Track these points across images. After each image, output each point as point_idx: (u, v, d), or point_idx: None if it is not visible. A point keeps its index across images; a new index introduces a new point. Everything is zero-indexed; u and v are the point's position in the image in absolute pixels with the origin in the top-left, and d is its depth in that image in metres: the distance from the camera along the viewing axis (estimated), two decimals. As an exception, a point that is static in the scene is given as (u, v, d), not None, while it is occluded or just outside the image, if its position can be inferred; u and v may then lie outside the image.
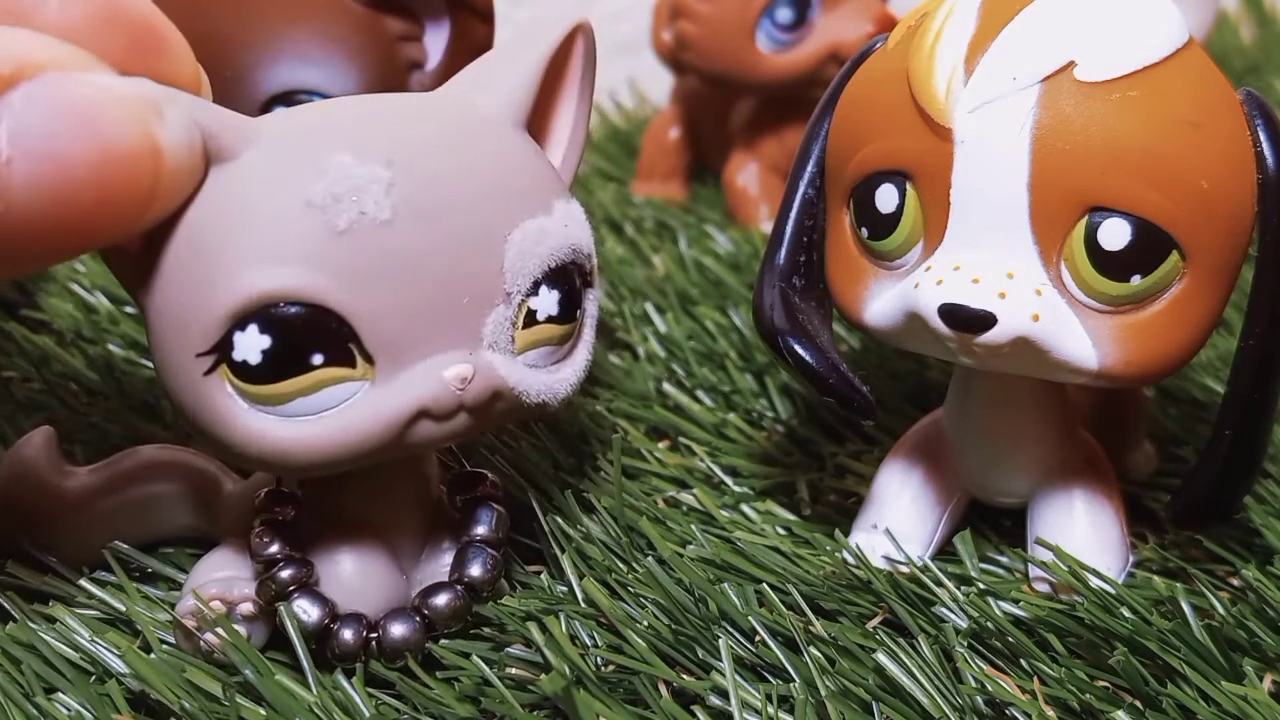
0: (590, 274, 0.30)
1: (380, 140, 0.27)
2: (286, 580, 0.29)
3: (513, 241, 0.28)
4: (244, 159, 0.27)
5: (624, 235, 0.54)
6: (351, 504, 0.30)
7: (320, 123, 0.28)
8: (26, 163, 0.23)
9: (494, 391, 0.28)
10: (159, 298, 0.27)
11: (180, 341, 0.27)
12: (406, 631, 0.29)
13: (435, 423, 0.28)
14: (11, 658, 0.30)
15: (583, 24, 0.31)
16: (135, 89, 0.25)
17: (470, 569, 0.30)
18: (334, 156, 0.26)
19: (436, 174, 0.27)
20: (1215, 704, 0.28)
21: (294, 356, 0.26)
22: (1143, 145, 0.28)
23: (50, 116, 0.24)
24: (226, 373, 0.26)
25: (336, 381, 0.27)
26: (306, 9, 0.36)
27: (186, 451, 0.33)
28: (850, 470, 0.38)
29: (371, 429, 0.27)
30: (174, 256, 0.27)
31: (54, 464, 0.33)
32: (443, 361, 0.27)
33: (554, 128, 0.32)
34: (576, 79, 0.31)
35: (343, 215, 0.26)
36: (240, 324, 0.26)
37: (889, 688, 0.29)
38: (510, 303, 0.28)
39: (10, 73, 0.23)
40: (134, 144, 0.25)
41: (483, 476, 0.32)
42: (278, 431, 0.27)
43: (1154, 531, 0.35)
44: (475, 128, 0.29)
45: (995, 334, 0.28)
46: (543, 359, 0.29)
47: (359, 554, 0.30)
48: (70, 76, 0.24)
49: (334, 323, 0.26)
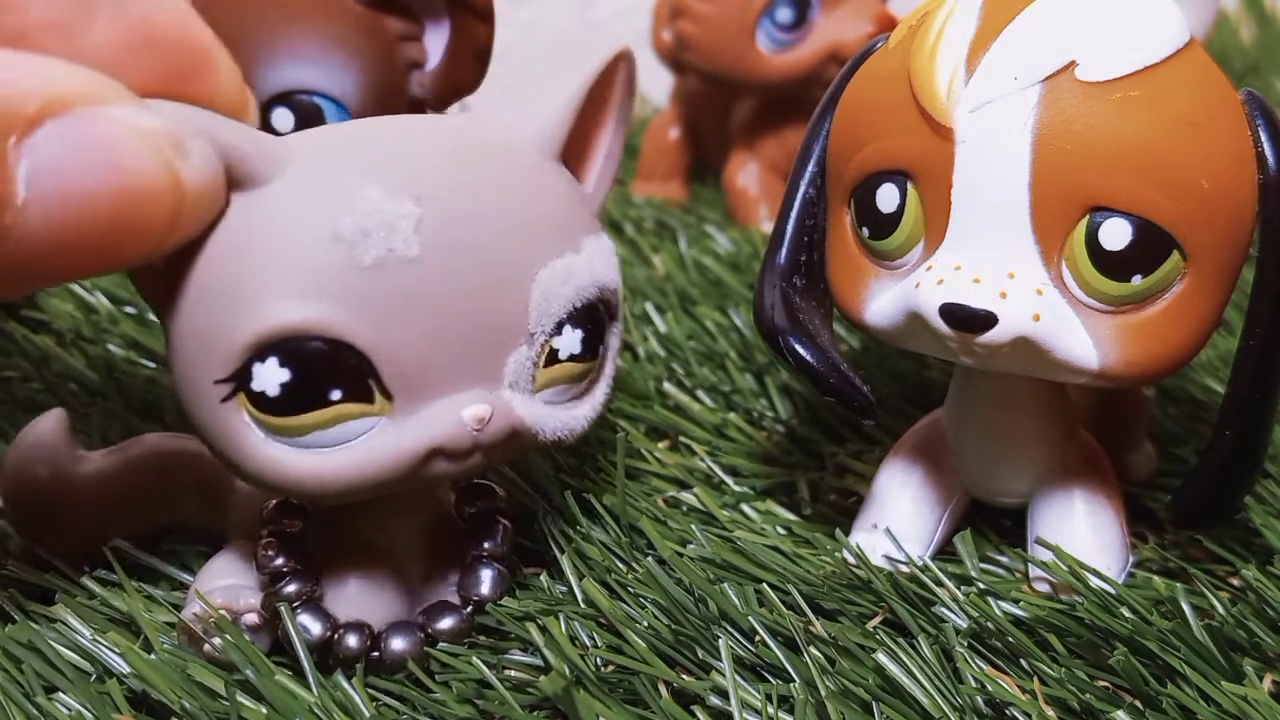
0: (615, 307, 0.30)
1: (411, 174, 0.27)
2: (291, 595, 0.29)
3: (540, 281, 0.27)
4: (273, 186, 0.26)
5: (624, 235, 0.54)
6: (360, 521, 0.30)
7: (351, 151, 0.27)
8: (43, 203, 0.23)
9: (511, 431, 0.28)
10: (182, 318, 0.27)
11: (200, 364, 0.26)
12: (408, 645, 0.29)
13: (449, 461, 0.27)
14: (12, 658, 0.30)
15: (624, 53, 0.30)
16: (158, 123, 0.25)
17: (480, 588, 0.30)
18: (364, 190, 0.26)
19: (467, 212, 0.27)
20: (1215, 704, 0.28)
21: (312, 391, 0.26)
22: (1144, 145, 0.28)
23: (70, 156, 0.24)
24: (244, 402, 0.26)
25: (354, 417, 0.26)
26: (306, 9, 0.36)
27: (197, 442, 0.33)
28: (850, 470, 0.38)
29: (386, 465, 0.27)
30: (198, 279, 0.26)
31: (67, 446, 0.33)
32: (461, 401, 0.27)
33: (589, 154, 0.31)
34: (615, 106, 0.31)
35: (370, 251, 0.26)
36: (260, 355, 0.26)
37: (889, 688, 0.29)
38: (533, 343, 0.28)
39: (36, 111, 0.23)
40: (154, 180, 0.24)
41: (490, 489, 0.32)
42: (292, 461, 0.27)
43: (1154, 531, 0.35)
44: (508, 160, 0.28)
45: (996, 334, 0.28)
46: (560, 395, 0.29)
47: (364, 572, 0.30)
48: (95, 113, 0.24)
49: (354, 359, 0.26)
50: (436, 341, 0.26)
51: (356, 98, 0.35)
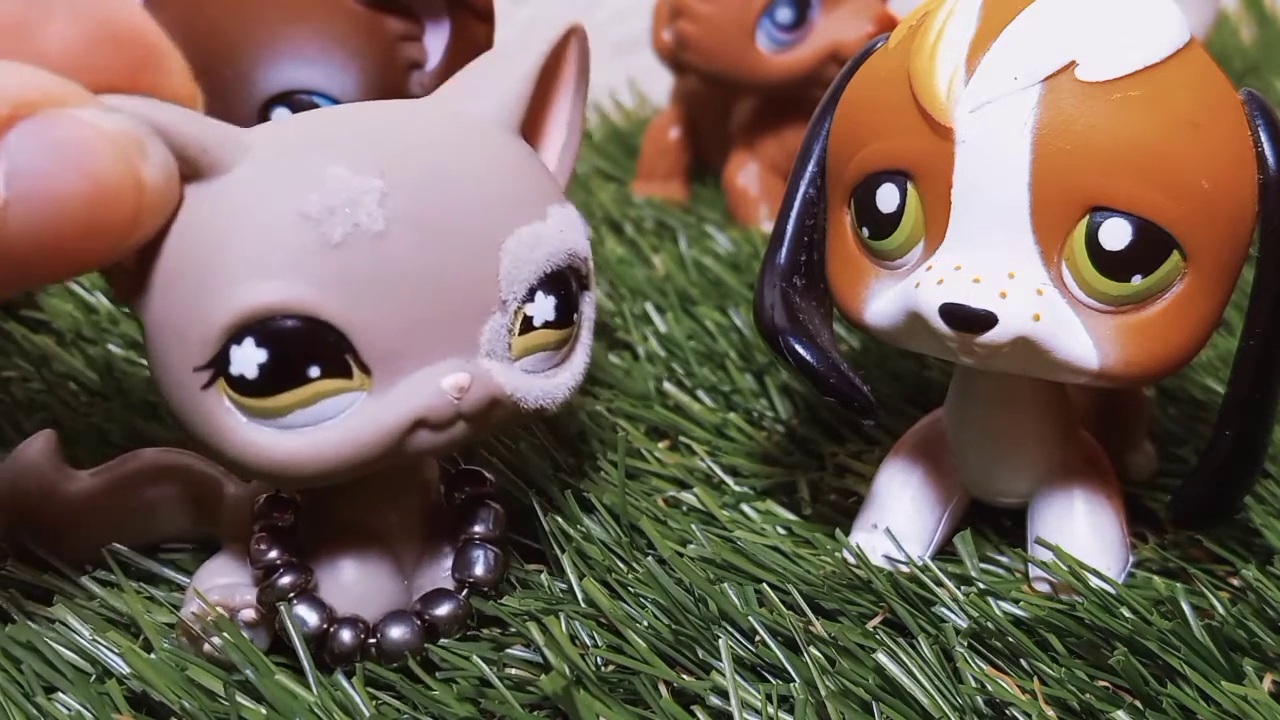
0: (587, 277, 0.30)
1: (373, 150, 0.27)
2: (285, 587, 0.29)
3: (507, 249, 0.28)
4: (236, 173, 0.26)
5: (624, 235, 0.54)
6: (351, 509, 0.30)
7: (311, 134, 0.28)
8: (22, 204, 0.24)
9: (491, 399, 0.28)
10: (155, 312, 0.27)
11: (177, 355, 0.27)
12: (405, 634, 0.29)
13: (433, 432, 0.28)
14: (11, 658, 0.30)
15: (575, 27, 0.31)
16: (122, 125, 0.25)
17: (474, 569, 0.30)
18: (326, 168, 0.26)
19: (430, 183, 0.27)
20: (1215, 704, 0.28)
21: (291, 369, 0.26)
22: (1144, 145, 0.28)
23: (44, 157, 0.24)
24: (224, 386, 0.26)
25: (334, 393, 0.27)
26: (306, 9, 0.36)
27: (188, 455, 0.33)
28: (850, 470, 0.38)
29: (369, 440, 0.27)
30: (168, 271, 0.27)
31: (56, 467, 0.33)
32: (439, 371, 0.27)
33: (548, 131, 0.32)
34: (571, 82, 0.31)
35: (337, 228, 0.26)
36: (237, 338, 0.26)
37: (889, 688, 0.29)
38: (506, 310, 0.28)
39: (7, 113, 0.24)
40: (120, 181, 0.25)
41: (479, 474, 0.32)
42: (276, 443, 0.27)
43: (1154, 531, 0.35)
44: (468, 135, 0.29)
45: (996, 334, 0.28)
46: (540, 364, 0.29)
47: (359, 559, 0.30)
48: (63, 115, 0.24)
49: (330, 335, 0.26)
50: (410, 313, 0.27)
51: (356, 98, 0.35)
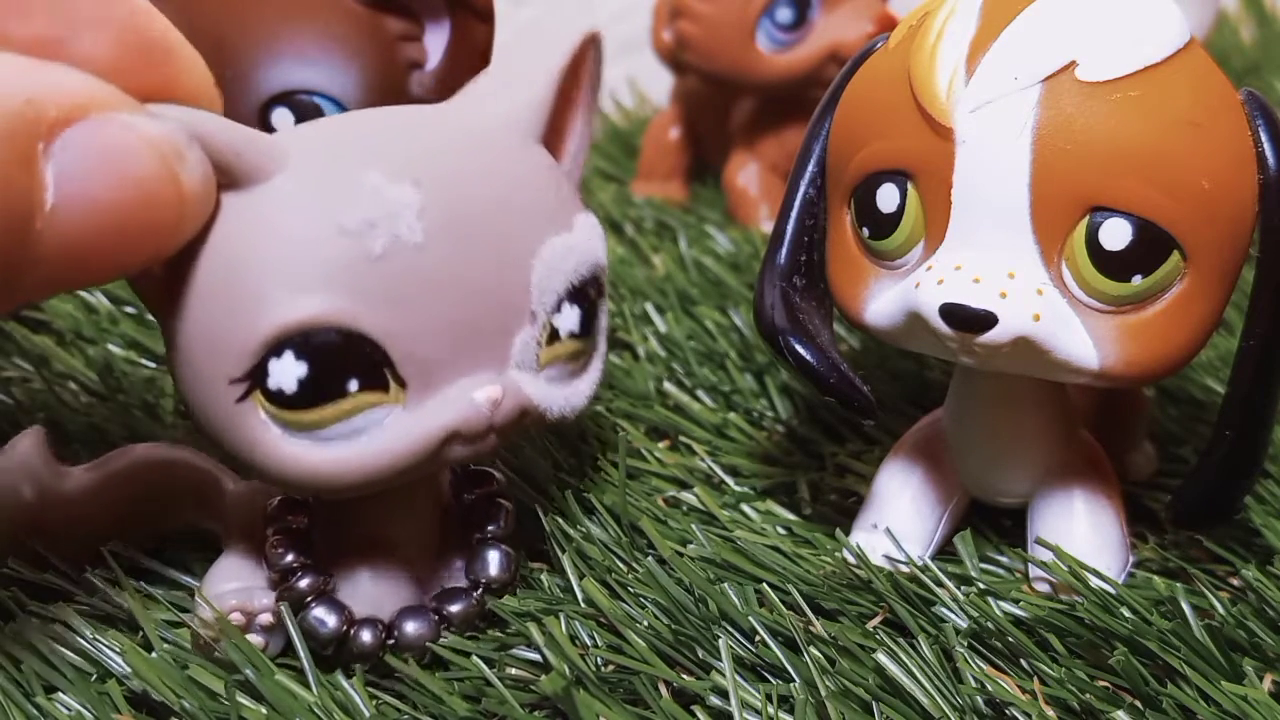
0: (603, 285, 0.30)
1: (409, 161, 0.27)
2: (305, 590, 0.29)
3: (540, 259, 0.28)
4: (274, 183, 0.26)
5: (624, 235, 0.54)
6: (365, 513, 0.30)
7: (348, 143, 0.27)
8: (69, 208, 0.24)
9: (522, 410, 0.28)
10: (187, 320, 0.27)
11: (210, 366, 0.26)
12: (422, 629, 0.29)
13: (466, 444, 0.28)
14: (11, 658, 0.30)
15: (594, 34, 0.31)
16: (163, 131, 0.25)
17: (489, 569, 0.31)
18: (366, 181, 0.26)
19: (465, 194, 0.27)
20: (1215, 704, 0.28)
21: (330, 383, 0.26)
22: (1144, 145, 0.28)
23: (93, 162, 0.24)
24: (260, 399, 0.26)
25: (370, 406, 0.27)
26: (306, 9, 0.36)
27: (182, 449, 0.33)
28: (850, 470, 0.38)
29: (405, 452, 0.27)
30: (203, 281, 0.26)
31: (47, 463, 0.33)
32: (473, 383, 0.27)
33: (562, 138, 0.32)
34: (585, 89, 0.31)
35: (377, 241, 0.26)
36: (276, 351, 0.26)
37: (889, 688, 0.29)
38: (536, 321, 0.28)
39: (59, 116, 0.24)
40: (164, 187, 0.25)
41: (488, 474, 0.32)
42: (311, 456, 0.27)
43: (1154, 531, 0.35)
44: (497, 144, 0.29)
45: (996, 334, 0.28)
46: (561, 373, 0.29)
47: (373, 561, 0.30)
48: (110, 119, 0.24)
49: (368, 348, 0.26)
50: (447, 326, 0.27)
51: (356, 98, 0.35)
